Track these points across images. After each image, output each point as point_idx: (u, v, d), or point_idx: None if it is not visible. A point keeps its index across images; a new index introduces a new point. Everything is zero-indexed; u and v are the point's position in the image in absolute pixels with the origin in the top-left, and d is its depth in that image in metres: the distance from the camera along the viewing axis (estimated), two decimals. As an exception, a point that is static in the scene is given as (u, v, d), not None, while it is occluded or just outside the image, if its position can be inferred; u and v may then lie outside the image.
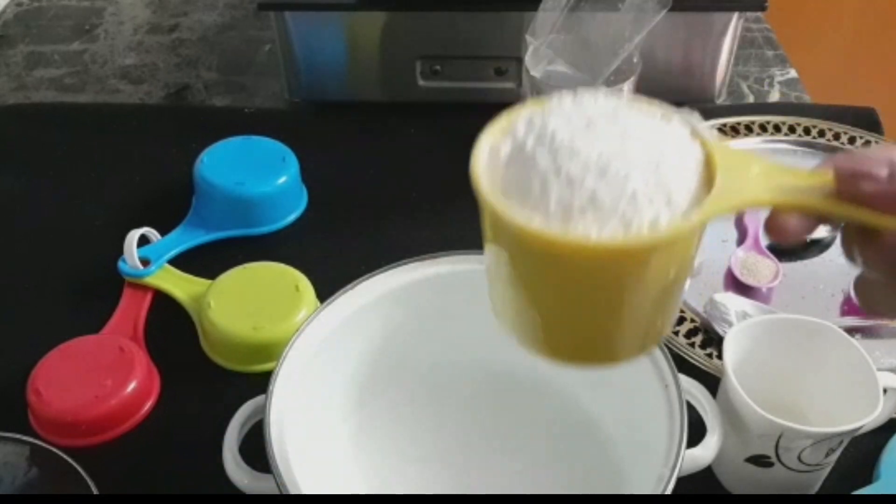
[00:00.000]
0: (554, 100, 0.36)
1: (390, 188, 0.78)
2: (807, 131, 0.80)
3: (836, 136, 0.80)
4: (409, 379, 0.57)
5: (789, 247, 0.70)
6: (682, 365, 0.60)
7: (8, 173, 0.80)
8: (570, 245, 0.32)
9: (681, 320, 0.64)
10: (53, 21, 1.02)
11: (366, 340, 0.55)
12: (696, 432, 0.48)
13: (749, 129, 0.81)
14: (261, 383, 0.50)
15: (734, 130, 0.80)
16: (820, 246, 0.71)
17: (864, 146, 0.78)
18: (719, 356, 0.61)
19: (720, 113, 0.82)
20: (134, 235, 0.68)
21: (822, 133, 0.80)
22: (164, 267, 0.69)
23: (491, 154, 0.35)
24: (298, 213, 0.75)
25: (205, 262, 0.70)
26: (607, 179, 0.32)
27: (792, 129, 0.81)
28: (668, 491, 0.44)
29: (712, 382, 0.55)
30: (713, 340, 0.63)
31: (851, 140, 0.79)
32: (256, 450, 0.47)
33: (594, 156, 0.33)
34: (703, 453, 0.49)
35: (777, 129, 0.81)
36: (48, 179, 0.80)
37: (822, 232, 0.61)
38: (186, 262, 0.70)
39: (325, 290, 0.55)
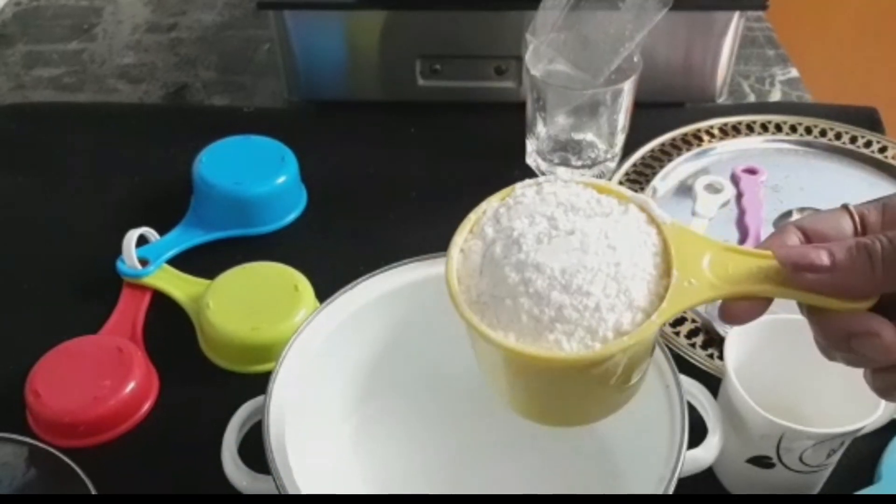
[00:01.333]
0: (518, 191, 0.40)
1: (390, 188, 0.78)
2: (808, 131, 0.80)
3: (838, 136, 0.80)
4: (409, 379, 0.57)
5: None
6: (683, 365, 0.60)
7: (5, 173, 0.80)
8: (543, 359, 0.36)
9: (682, 321, 0.64)
10: (52, 20, 1.02)
11: (365, 341, 0.55)
12: (697, 433, 0.48)
13: (750, 128, 0.80)
14: (260, 384, 0.49)
15: (735, 130, 0.80)
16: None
17: (865, 146, 0.78)
18: (720, 357, 0.61)
19: (721, 112, 0.82)
20: (132, 235, 0.68)
21: (823, 133, 0.80)
22: (163, 267, 0.69)
23: (463, 257, 0.39)
24: (298, 212, 0.75)
25: (204, 262, 0.70)
26: (571, 294, 0.36)
27: (793, 129, 0.80)
28: (669, 492, 0.43)
29: (713, 383, 0.54)
30: (714, 341, 0.63)
31: (853, 139, 0.79)
32: (255, 451, 0.47)
33: (557, 271, 0.36)
34: (705, 454, 0.48)
35: (778, 128, 0.80)
36: (46, 179, 0.80)
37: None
38: (185, 262, 0.70)
39: (325, 290, 0.55)
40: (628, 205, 0.39)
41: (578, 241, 0.37)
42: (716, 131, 0.80)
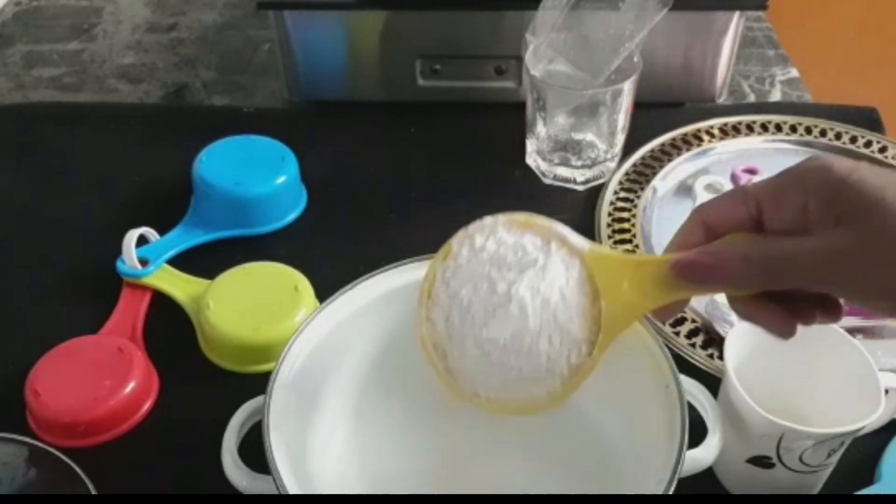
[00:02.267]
0: (455, 248, 0.45)
1: (390, 188, 0.78)
2: (808, 131, 0.80)
3: (838, 136, 0.80)
4: (409, 379, 0.57)
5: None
6: (683, 365, 0.60)
7: (5, 173, 0.80)
8: (518, 410, 0.45)
9: (682, 321, 0.64)
10: (52, 20, 1.02)
11: (365, 341, 0.55)
12: (697, 433, 0.48)
13: (750, 128, 0.80)
14: (260, 384, 0.49)
15: (735, 130, 0.80)
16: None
17: (865, 146, 0.78)
18: (720, 357, 0.61)
19: (721, 112, 0.82)
20: (132, 235, 0.68)
21: (823, 133, 0.80)
22: (163, 267, 0.69)
23: (431, 325, 0.46)
24: (298, 212, 0.75)
25: (204, 262, 0.70)
26: (523, 356, 0.43)
27: (793, 129, 0.80)
28: (669, 492, 0.43)
29: (713, 383, 0.54)
30: (714, 341, 0.63)
31: (853, 139, 0.79)
32: (255, 451, 0.47)
33: (509, 339, 0.43)
34: (704, 454, 0.48)
35: (778, 128, 0.81)
36: (46, 179, 0.80)
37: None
38: (185, 262, 0.70)
39: (325, 291, 0.55)
40: (550, 241, 0.44)
41: (517, 308, 0.42)
42: (716, 131, 0.80)
